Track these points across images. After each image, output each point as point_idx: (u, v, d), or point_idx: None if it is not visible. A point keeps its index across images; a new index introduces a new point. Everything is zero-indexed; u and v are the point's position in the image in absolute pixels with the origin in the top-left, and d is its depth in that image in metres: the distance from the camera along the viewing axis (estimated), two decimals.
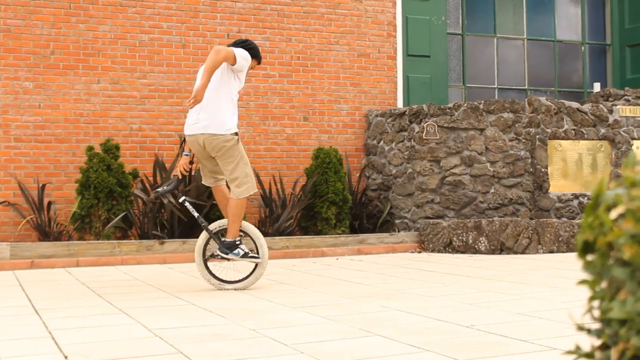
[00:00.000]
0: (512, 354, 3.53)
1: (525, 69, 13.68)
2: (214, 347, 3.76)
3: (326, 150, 10.42)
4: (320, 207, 10.14)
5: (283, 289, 6.22)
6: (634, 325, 1.31)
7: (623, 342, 1.33)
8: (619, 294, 1.34)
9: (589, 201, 1.41)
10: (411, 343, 3.79)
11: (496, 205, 10.19)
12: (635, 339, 1.30)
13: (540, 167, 10.32)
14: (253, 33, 10.94)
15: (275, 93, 11.00)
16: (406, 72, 11.84)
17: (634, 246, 1.30)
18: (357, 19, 11.55)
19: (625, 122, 10.87)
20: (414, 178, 10.38)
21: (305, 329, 4.24)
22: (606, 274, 1.35)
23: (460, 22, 13.14)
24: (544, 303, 5.14)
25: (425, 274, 7.24)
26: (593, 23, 14.25)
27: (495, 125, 10.27)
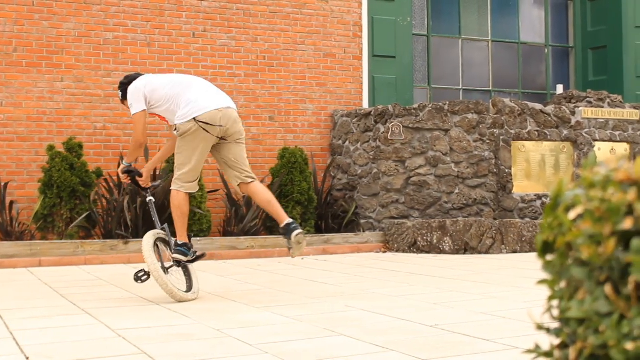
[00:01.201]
0: (476, 353, 3.56)
1: (490, 71, 13.79)
2: (178, 347, 3.74)
3: (292, 150, 10.43)
4: (285, 207, 10.14)
5: (248, 289, 6.21)
6: (592, 325, 1.33)
7: (581, 341, 1.35)
8: (577, 293, 1.36)
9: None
10: (375, 343, 3.80)
11: (460, 206, 10.26)
12: (593, 338, 1.32)
13: (504, 168, 10.41)
14: (219, 32, 10.92)
15: (241, 92, 10.98)
16: (372, 73, 11.88)
17: (592, 246, 1.32)
18: (323, 19, 11.57)
19: (587, 124, 11.00)
20: (379, 178, 10.42)
21: (269, 329, 4.24)
22: (565, 273, 1.37)
23: (426, 23, 13.21)
24: (507, 303, 5.18)
25: (389, 273, 7.27)
26: (556, 26, 14.41)
27: (460, 126, 10.34)
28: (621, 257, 1.30)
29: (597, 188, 1.37)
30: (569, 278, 1.38)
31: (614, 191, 1.35)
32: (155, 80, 5.81)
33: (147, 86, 5.73)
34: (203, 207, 9.66)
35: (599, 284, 1.34)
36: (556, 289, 1.41)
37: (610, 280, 1.33)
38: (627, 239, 1.32)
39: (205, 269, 7.93)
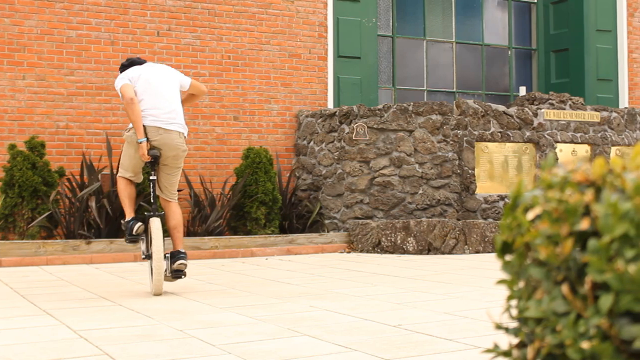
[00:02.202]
0: (438, 353, 3.58)
1: (454, 72, 13.88)
2: (140, 348, 3.72)
3: (256, 150, 10.41)
4: (250, 207, 10.12)
5: (211, 289, 6.19)
6: (549, 324, 1.35)
7: (539, 340, 1.37)
8: (535, 293, 1.38)
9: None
10: (339, 343, 3.81)
11: (424, 206, 10.31)
12: (550, 337, 1.34)
13: (467, 169, 10.49)
14: (184, 31, 10.87)
15: None
16: (337, 73, 11.90)
17: (550, 247, 1.34)
18: (289, 19, 11.57)
19: (549, 126, 11.12)
20: (343, 179, 10.44)
21: (233, 329, 4.24)
22: (523, 273, 1.39)
23: (391, 25, 13.26)
24: (469, 302, 5.22)
25: (353, 274, 7.29)
26: (519, 28, 14.54)
27: (424, 127, 10.40)
28: (578, 257, 1.32)
29: (555, 189, 1.39)
30: (527, 278, 1.40)
31: (571, 192, 1.37)
32: (137, 73, 6.23)
33: (134, 77, 6.21)
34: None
35: (556, 283, 1.36)
36: (515, 289, 1.42)
37: (567, 280, 1.35)
38: (584, 239, 1.34)
39: None
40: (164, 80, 6.25)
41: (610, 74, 13.97)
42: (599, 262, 1.27)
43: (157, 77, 6.24)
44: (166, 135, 6.04)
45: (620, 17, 14.06)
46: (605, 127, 11.61)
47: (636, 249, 1.27)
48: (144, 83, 6.12)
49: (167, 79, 6.28)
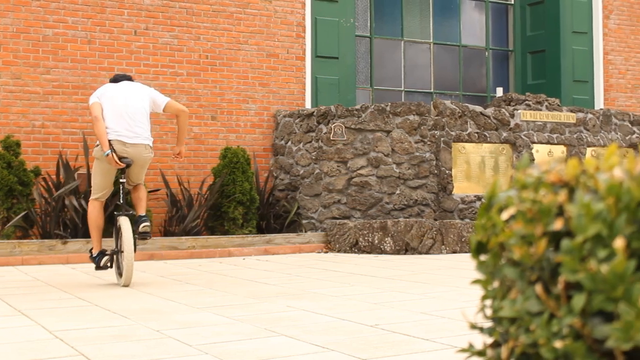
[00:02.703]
0: (415, 353, 3.60)
1: (432, 73, 13.93)
2: (116, 349, 3.71)
3: (234, 150, 10.39)
4: (227, 207, 10.11)
5: (189, 289, 6.18)
6: (523, 324, 1.36)
7: (512, 340, 1.38)
8: (509, 293, 1.39)
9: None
10: (316, 343, 3.82)
11: (401, 206, 10.34)
12: (524, 336, 1.35)
13: (444, 169, 10.53)
14: (161, 30, 10.83)
15: (183, 91, 10.91)
16: (315, 73, 11.90)
17: (524, 247, 1.35)
18: (267, 19, 11.56)
19: (526, 127, 11.19)
20: (321, 179, 10.45)
21: (210, 329, 4.23)
22: (498, 273, 1.40)
23: (369, 25, 13.29)
24: (446, 302, 5.25)
25: (331, 274, 7.30)
26: (496, 29, 14.63)
27: (402, 127, 10.43)
28: (551, 257, 1.34)
29: (529, 189, 1.41)
30: (501, 278, 1.41)
31: (545, 193, 1.38)
32: (106, 91, 6.88)
33: (103, 94, 6.85)
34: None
35: (530, 283, 1.37)
36: (489, 289, 1.43)
37: (541, 279, 1.37)
38: (557, 239, 1.36)
39: (145, 269, 7.87)
40: (129, 98, 6.83)
41: (586, 75, 14.08)
42: (572, 262, 1.28)
43: (123, 95, 6.83)
44: (132, 148, 6.71)
45: (595, 19, 14.18)
46: (581, 128, 11.70)
47: (608, 249, 1.28)
48: (109, 101, 6.75)
49: (134, 97, 6.86)
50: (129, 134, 6.69)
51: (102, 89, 6.90)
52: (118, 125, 6.67)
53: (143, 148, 6.76)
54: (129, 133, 6.69)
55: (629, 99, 14.41)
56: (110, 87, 6.90)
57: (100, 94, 6.83)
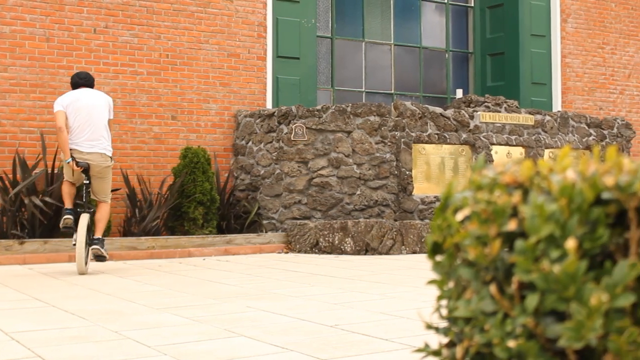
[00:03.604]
0: (374, 352, 3.62)
1: (392, 74, 14.00)
2: (74, 350, 3.68)
3: (194, 149, 10.35)
4: (187, 207, 10.07)
5: (148, 290, 6.14)
6: (478, 323, 1.38)
7: (467, 340, 1.40)
8: (464, 293, 1.41)
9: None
10: (276, 343, 3.82)
11: (362, 207, 10.38)
12: (478, 336, 1.37)
13: (404, 170, 10.59)
14: (121, 29, 10.75)
15: (143, 91, 10.85)
16: (276, 73, 11.90)
17: (478, 247, 1.37)
18: (228, 18, 11.53)
19: (485, 128, 11.29)
20: (282, 179, 10.45)
21: (169, 330, 4.21)
22: (453, 274, 1.42)
23: (330, 26, 13.32)
24: (406, 302, 5.28)
25: (291, 274, 7.31)
26: (456, 32, 14.74)
27: (362, 128, 10.46)
28: (506, 257, 1.36)
29: (484, 190, 1.43)
30: (457, 278, 1.43)
31: (500, 194, 1.40)
32: (70, 101, 7.71)
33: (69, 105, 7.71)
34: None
35: (484, 283, 1.39)
36: (445, 289, 1.45)
37: (495, 280, 1.39)
38: (511, 240, 1.38)
39: (104, 270, 7.81)
40: (92, 113, 7.69)
41: (544, 78, 14.25)
42: (526, 263, 1.30)
43: (87, 110, 7.67)
44: (89, 156, 7.61)
45: (554, 22, 14.36)
46: (539, 130, 11.84)
47: (561, 250, 1.30)
48: (73, 112, 7.63)
49: (96, 111, 7.72)
50: (87, 144, 7.62)
51: (68, 98, 7.69)
52: (78, 137, 7.60)
53: (99, 156, 7.65)
54: (87, 144, 7.61)
55: (586, 101, 14.62)
56: (75, 97, 7.71)
57: (66, 103, 7.64)
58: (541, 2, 14.26)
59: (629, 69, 15.22)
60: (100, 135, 7.68)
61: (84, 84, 7.99)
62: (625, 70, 15.18)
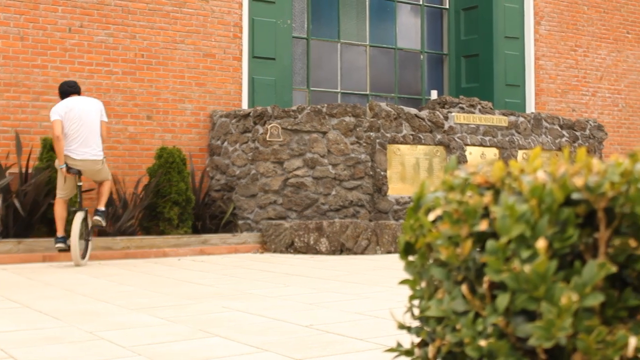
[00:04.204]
0: (348, 352, 3.64)
1: (367, 75, 14.04)
2: (48, 351, 3.67)
3: (169, 149, 10.33)
4: (162, 207, 10.04)
5: (123, 290, 6.13)
6: (450, 323, 1.40)
7: (439, 339, 1.42)
8: (436, 293, 1.43)
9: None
10: (251, 343, 3.83)
11: (337, 207, 10.40)
12: (450, 335, 1.39)
13: (379, 171, 10.62)
14: (96, 28, 10.70)
15: (118, 90, 10.80)
16: (251, 74, 11.89)
17: (450, 247, 1.39)
18: (204, 18, 11.51)
19: (459, 129, 11.36)
20: (257, 179, 10.45)
21: (144, 331, 4.21)
22: (425, 274, 1.44)
23: (306, 27, 13.33)
24: (380, 302, 5.30)
25: (267, 274, 7.31)
26: (431, 33, 14.81)
27: (338, 128, 10.49)
28: (477, 257, 1.38)
29: (456, 191, 1.45)
30: (429, 278, 1.45)
31: (471, 194, 1.42)
32: (67, 109, 8.34)
33: (65, 114, 8.35)
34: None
35: (456, 283, 1.41)
36: (417, 289, 1.47)
37: (467, 280, 1.41)
38: (483, 240, 1.40)
39: (79, 270, 7.78)
40: (85, 123, 8.32)
41: (518, 79, 14.35)
42: (497, 263, 1.32)
43: (80, 120, 8.28)
44: (81, 163, 8.31)
45: (527, 25, 14.47)
46: (513, 131, 11.92)
47: (532, 250, 1.32)
48: (68, 122, 8.25)
49: (90, 120, 8.36)
50: (80, 152, 8.28)
51: (64, 107, 8.28)
52: (71, 145, 8.26)
53: (91, 163, 8.36)
54: (79, 151, 8.28)
55: (559, 103, 14.74)
56: (69, 105, 8.30)
57: (63, 112, 8.25)
58: (515, 4, 14.37)
59: (601, 72, 15.37)
60: (93, 141, 8.37)
61: (73, 92, 8.57)
62: (598, 72, 15.32)
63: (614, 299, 1.35)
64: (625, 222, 1.35)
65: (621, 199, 1.32)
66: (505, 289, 1.34)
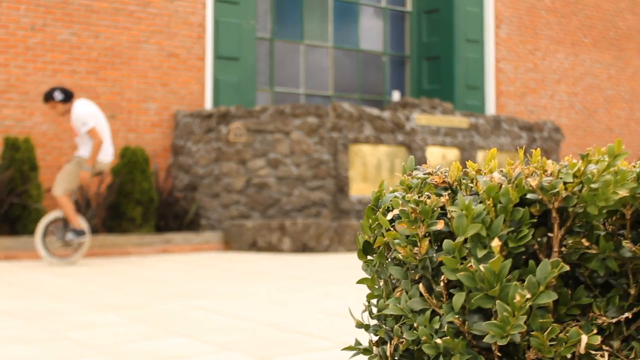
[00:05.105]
0: (312, 351, 3.67)
1: (331, 76, 14.08)
2: (11, 351, 3.65)
3: (133, 149, 10.28)
4: (126, 207, 10.00)
5: (87, 290, 6.10)
6: (407, 321, 1.43)
7: (397, 337, 1.45)
8: (394, 292, 1.46)
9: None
10: (215, 342, 3.85)
11: (300, 207, 10.44)
12: (408, 333, 1.42)
13: (342, 171, 10.68)
14: (60, 27, 10.62)
15: (82, 89, 10.73)
16: (215, 74, 11.88)
17: (408, 246, 1.42)
18: (168, 18, 11.47)
19: (420, 130, 11.45)
20: (220, 179, 10.44)
21: (108, 330, 4.21)
22: (383, 273, 1.48)
23: (269, 27, 13.34)
24: (343, 301, 5.34)
25: (230, 273, 7.32)
26: (394, 35, 14.89)
27: (301, 129, 10.52)
28: (434, 256, 1.41)
29: (414, 191, 1.48)
30: (387, 277, 1.48)
31: (429, 194, 1.46)
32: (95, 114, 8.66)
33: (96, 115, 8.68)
34: (40, 206, 9.38)
35: (414, 282, 1.45)
36: (375, 288, 1.50)
37: (424, 278, 1.44)
38: (440, 239, 1.44)
39: (42, 270, 7.72)
40: (104, 120, 8.74)
41: (478, 82, 14.49)
42: (453, 262, 1.35)
43: (103, 117, 8.72)
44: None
45: (487, 28, 14.61)
46: (473, 132, 12.05)
47: (487, 249, 1.36)
48: (99, 126, 8.54)
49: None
50: (110, 152, 8.68)
51: (92, 111, 8.53)
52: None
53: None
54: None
55: (518, 105, 14.90)
56: (92, 108, 8.58)
57: (95, 116, 8.53)
58: (476, 8, 14.50)
59: (558, 75, 15.57)
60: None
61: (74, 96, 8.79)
62: (555, 75, 15.52)
63: (566, 297, 1.38)
64: (577, 221, 1.39)
65: (574, 199, 1.36)
66: (462, 287, 1.37)
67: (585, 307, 1.40)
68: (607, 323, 1.37)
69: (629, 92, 16.54)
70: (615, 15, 16.38)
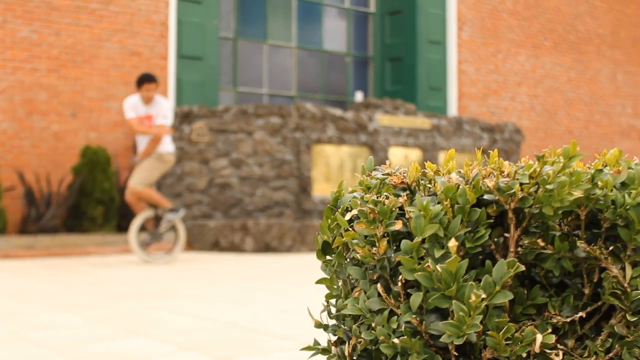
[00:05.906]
0: (274, 351, 3.67)
1: (294, 76, 14.09)
2: None
3: (94, 148, 10.21)
4: (86, 206, 9.92)
5: (46, 290, 6.04)
6: (366, 321, 1.44)
7: (355, 337, 1.46)
8: (353, 292, 1.47)
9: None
10: (176, 342, 3.84)
11: (263, 207, 10.43)
12: (366, 333, 1.43)
13: (304, 171, 10.69)
14: (20, 24, 10.50)
15: (42, 88, 10.62)
16: (178, 74, 11.83)
17: (366, 247, 1.43)
18: (130, 17, 11.40)
19: (383, 131, 11.50)
20: (182, 179, 10.40)
21: (67, 331, 4.17)
22: (342, 273, 1.49)
23: (233, 27, 13.31)
24: (305, 301, 5.35)
25: (192, 273, 7.30)
26: (357, 36, 14.95)
27: (264, 129, 10.52)
28: (392, 257, 1.43)
29: (373, 191, 1.49)
30: (345, 277, 1.49)
31: (387, 194, 1.47)
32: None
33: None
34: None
35: (372, 282, 1.46)
36: (334, 288, 1.51)
37: (382, 279, 1.45)
38: (398, 240, 1.45)
39: (0, 270, 7.64)
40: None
41: (441, 83, 14.59)
42: (411, 262, 1.37)
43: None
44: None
45: (450, 30, 14.72)
46: (435, 133, 12.13)
47: (444, 249, 1.38)
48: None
49: None
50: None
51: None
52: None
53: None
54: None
55: (480, 107, 15.04)
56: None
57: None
58: (438, 10, 14.60)
59: (519, 77, 15.73)
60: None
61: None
62: (517, 77, 15.68)
63: (522, 296, 1.40)
64: (533, 222, 1.41)
65: (530, 200, 1.38)
66: (419, 287, 1.39)
67: (540, 306, 1.42)
68: (562, 322, 1.39)
69: (588, 95, 16.77)
70: (575, 19, 16.60)
